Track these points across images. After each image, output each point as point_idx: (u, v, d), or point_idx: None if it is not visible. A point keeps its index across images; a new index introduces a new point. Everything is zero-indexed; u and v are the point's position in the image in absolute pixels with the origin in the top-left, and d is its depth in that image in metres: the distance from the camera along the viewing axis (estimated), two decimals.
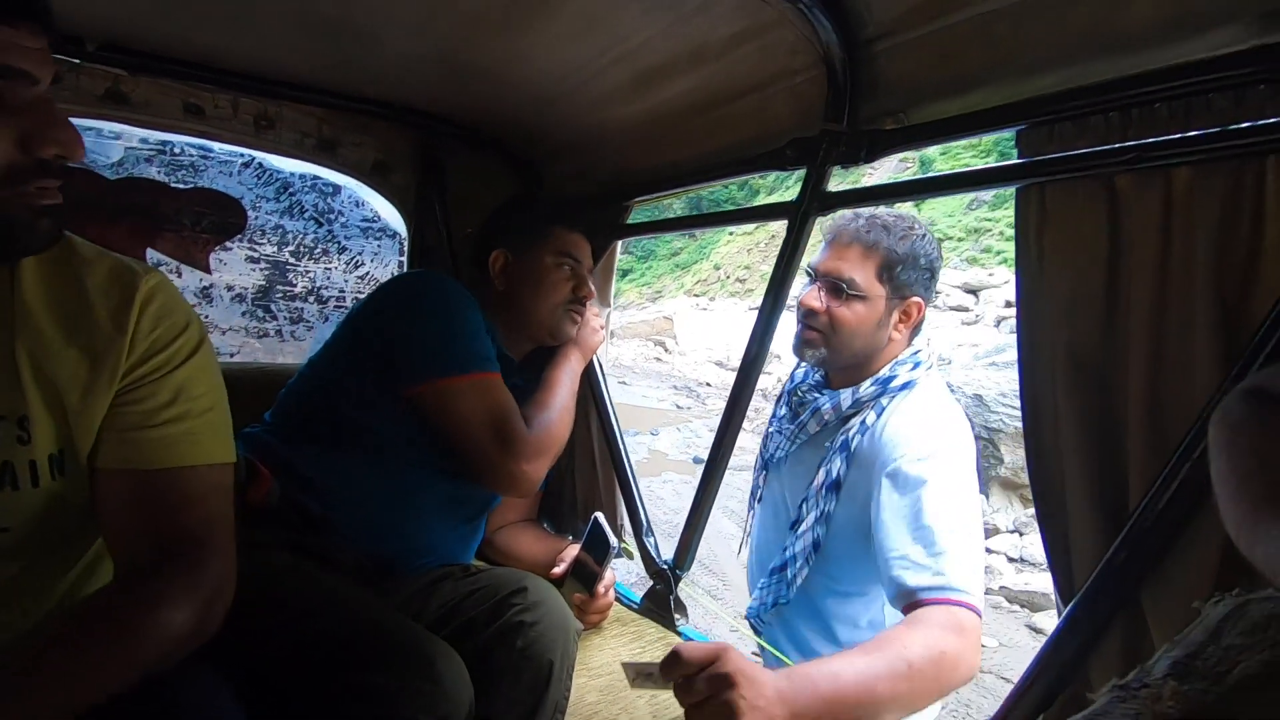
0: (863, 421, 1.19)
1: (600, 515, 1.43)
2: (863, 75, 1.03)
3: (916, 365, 1.23)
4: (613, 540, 1.38)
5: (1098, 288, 0.81)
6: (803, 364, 1.35)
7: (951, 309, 13.51)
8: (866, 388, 1.22)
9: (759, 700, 0.72)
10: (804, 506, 1.24)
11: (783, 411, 1.38)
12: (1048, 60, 0.83)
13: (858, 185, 1.16)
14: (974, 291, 15.00)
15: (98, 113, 1.36)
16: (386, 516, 1.18)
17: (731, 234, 29.33)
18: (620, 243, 1.62)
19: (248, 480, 1.07)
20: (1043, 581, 5.04)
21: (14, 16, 0.58)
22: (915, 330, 1.26)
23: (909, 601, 0.98)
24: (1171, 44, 0.72)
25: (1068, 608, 0.80)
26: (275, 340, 1.78)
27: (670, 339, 18.90)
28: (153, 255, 1.58)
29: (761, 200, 1.22)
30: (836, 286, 1.20)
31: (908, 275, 1.21)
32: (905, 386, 1.21)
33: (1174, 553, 0.71)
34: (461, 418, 1.15)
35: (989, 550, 5.73)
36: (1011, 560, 5.61)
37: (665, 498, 6.57)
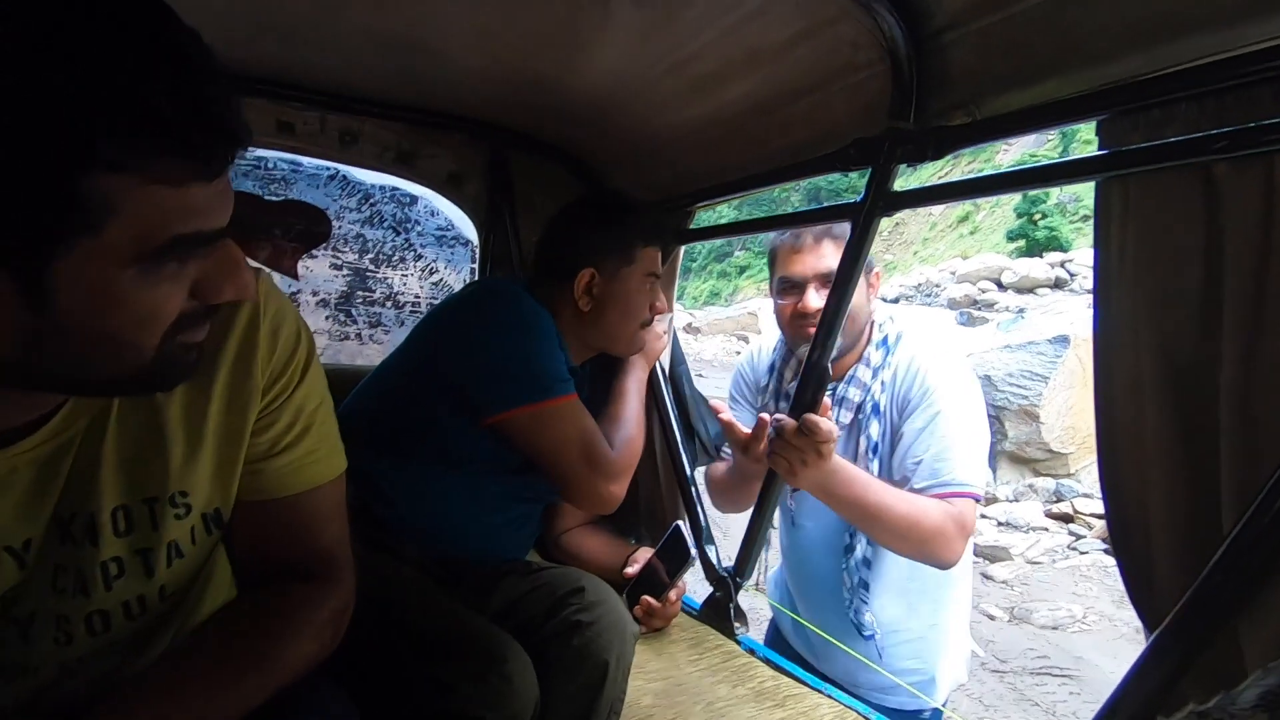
0: (881, 383, 1.35)
1: (681, 524, 1.42)
2: (930, 68, 0.99)
3: (891, 321, 1.42)
4: (692, 551, 1.37)
5: (1191, 283, 0.74)
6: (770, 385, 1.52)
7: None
8: (875, 355, 1.38)
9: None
10: None
11: None
12: (1129, 44, 0.77)
13: (924, 184, 1.12)
14: None
15: None
16: (449, 513, 1.22)
17: None
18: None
19: None
20: (1010, 539, 5.83)
21: (202, 175, 0.46)
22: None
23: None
24: (1271, 19, 0.66)
25: (1154, 635, 0.73)
26: (355, 343, 1.88)
27: (754, 333, 18.81)
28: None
29: None
30: (829, 279, 1.28)
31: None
32: (898, 340, 1.39)
33: (1275, 577, 0.65)
34: (549, 443, 1.18)
35: (982, 516, 6.45)
36: (1000, 524, 6.35)
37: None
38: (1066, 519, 6.31)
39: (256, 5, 1.11)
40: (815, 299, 1.33)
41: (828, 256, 1.33)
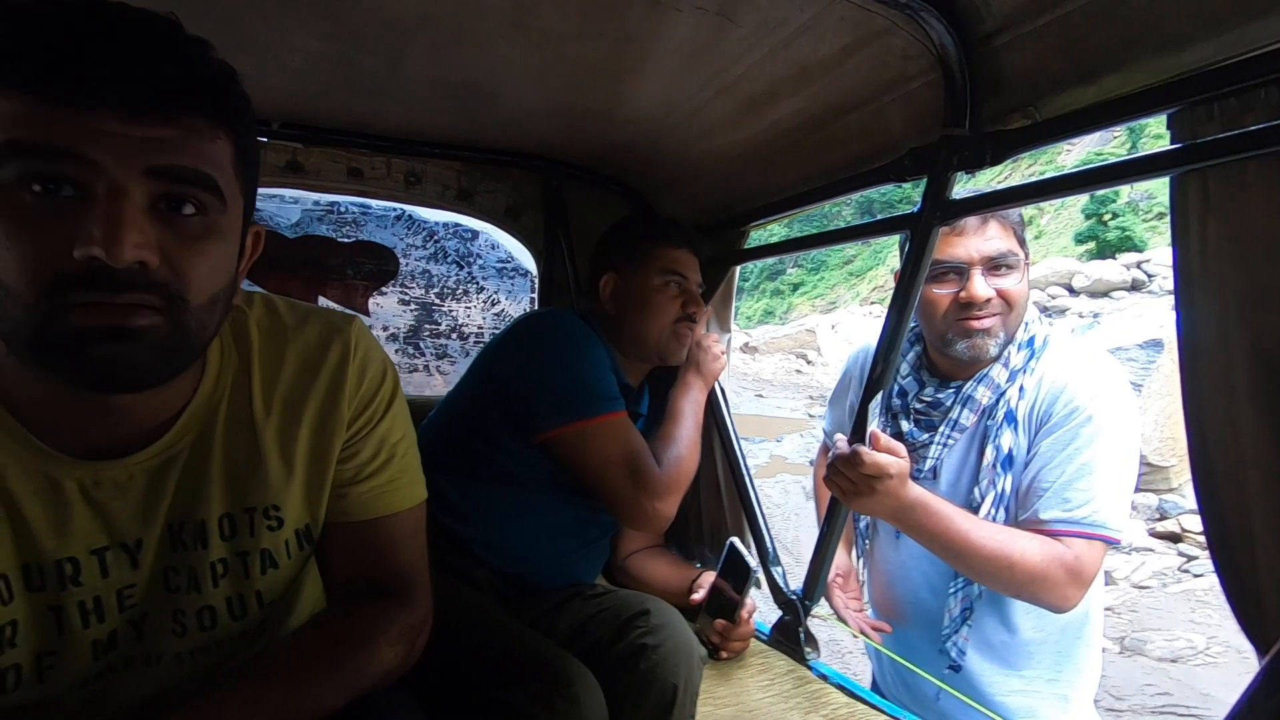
0: (1021, 388, 1.19)
1: (736, 540, 1.40)
2: (983, 73, 0.97)
3: (1039, 321, 1.25)
4: (753, 564, 1.34)
5: None
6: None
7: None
8: (1017, 356, 1.21)
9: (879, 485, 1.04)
10: (977, 490, 1.20)
11: (907, 427, 1.29)
12: (1199, 30, 0.73)
13: (982, 190, 1.09)
14: None
15: (281, 182, 1.58)
16: (519, 538, 1.25)
17: None
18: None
19: None
20: (1111, 561, 5.33)
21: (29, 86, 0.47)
22: None
23: (1037, 529, 1.11)
24: None
25: (1265, 659, 0.67)
26: (424, 375, 1.95)
27: (813, 351, 18.53)
28: (322, 301, 1.80)
29: None
30: (996, 264, 1.18)
31: (1024, 235, 1.23)
32: (1044, 343, 1.22)
33: None
34: (596, 460, 1.20)
35: None
36: None
37: (772, 495, 7.34)
38: (1174, 538, 5.88)
39: (329, 62, 1.19)
40: (983, 286, 1.17)
41: (995, 239, 1.18)
